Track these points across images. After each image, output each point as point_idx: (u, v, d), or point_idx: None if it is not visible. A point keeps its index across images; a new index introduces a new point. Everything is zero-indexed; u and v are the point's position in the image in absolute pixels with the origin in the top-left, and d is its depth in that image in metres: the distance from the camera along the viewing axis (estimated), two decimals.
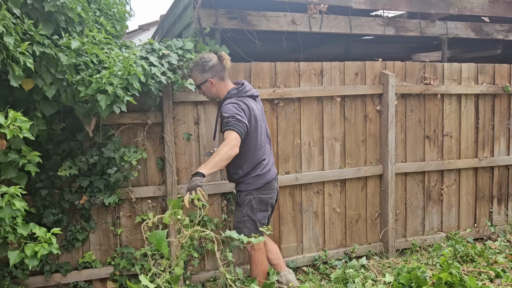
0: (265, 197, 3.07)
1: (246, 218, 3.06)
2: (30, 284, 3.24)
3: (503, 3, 4.59)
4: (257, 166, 3.05)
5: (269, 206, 3.13)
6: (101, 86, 2.63)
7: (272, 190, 3.11)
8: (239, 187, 3.11)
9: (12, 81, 2.33)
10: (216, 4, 3.55)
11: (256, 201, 3.05)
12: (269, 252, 3.27)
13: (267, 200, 3.09)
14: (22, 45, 2.31)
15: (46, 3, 2.53)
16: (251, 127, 2.95)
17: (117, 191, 3.34)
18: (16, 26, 2.32)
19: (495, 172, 4.71)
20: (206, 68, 2.98)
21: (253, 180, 3.04)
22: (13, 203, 2.14)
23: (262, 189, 3.06)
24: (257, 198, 3.05)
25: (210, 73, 2.99)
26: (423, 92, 4.27)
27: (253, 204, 3.05)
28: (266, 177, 3.07)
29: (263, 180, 3.06)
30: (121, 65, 2.74)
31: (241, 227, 3.06)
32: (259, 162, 3.06)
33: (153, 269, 3.47)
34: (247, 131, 2.88)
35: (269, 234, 3.12)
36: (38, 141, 3.05)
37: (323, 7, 3.83)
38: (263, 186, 3.06)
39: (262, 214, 3.10)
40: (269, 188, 3.09)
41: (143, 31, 10.09)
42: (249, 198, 3.05)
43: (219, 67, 3.00)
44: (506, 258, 3.81)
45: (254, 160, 3.04)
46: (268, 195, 3.09)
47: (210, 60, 2.98)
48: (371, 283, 3.31)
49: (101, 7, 3.82)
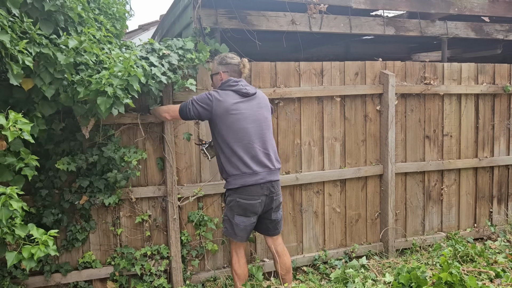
0: (243, 202, 2.96)
1: (225, 218, 3.09)
2: (30, 284, 3.24)
3: (503, 3, 4.59)
4: (234, 164, 2.96)
5: (249, 212, 2.99)
6: (101, 87, 2.63)
7: (252, 197, 2.96)
8: (224, 185, 3.09)
9: (12, 79, 2.33)
10: (216, 4, 3.55)
11: (234, 203, 2.99)
12: (277, 264, 3.20)
13: (245, 206, 2.97)
14: (20, 44, 2.30)
15: (46, 3, 2.52)
16: (216, 118, 2.96)
17: (117, 191, 3.33)
18: (14, 24, 2.31)
19: (495, 172, 4.71)
20: (224, 62, 3.13)
21: (231, 179, 2.98)
22: (10, 203, 2.13)
23: (240, 192, 2.96)
24: (235, 200, 2.98)
25: (225, 67, 3.12)
26: (423, 92, 4.27)
27: (232, 206, 3.01)
28: (244, 180, 2.94)
29: (240, 182, 2.94)
30: (121, 66, 2.73)
31: (223, 225, 3.15)
32: (237, 161, 2.95)
33: (153, 269, 3.47)
34: (199, 115, 3.00)
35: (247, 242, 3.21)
36: (38, 141, 3.04)
37: (323, 7, 3.83)
38: (240, 189, 2.95)
39: (241, 218, 3.00)
40: (248, 194, 2.95)
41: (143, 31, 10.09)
42: (229, 199, 3.03)
43: (235, 68, 3.12)
44: (506, 258, 3.81)
45: (231, 157, 2.96)
46: (247, 200, 2.96)
47: (232, 58, 3.15)
48: (371, 283, 3.31)
49: (101, 6, 3.81)
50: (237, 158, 2.96)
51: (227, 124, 2.96)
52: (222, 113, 2.95)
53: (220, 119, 2.96)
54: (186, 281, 3.58)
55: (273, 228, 3.17)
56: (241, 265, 3.13)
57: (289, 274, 3.23)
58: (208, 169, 3.67)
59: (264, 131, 3.07)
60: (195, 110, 2.99)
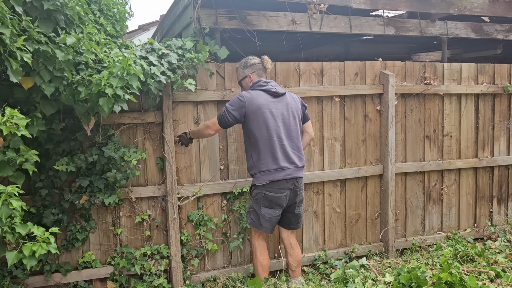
0: (269, 195, 3.15)
1: (251, 210, 3.27)
2: (30, 284, 3.24)
3: (503, 3, 4.59)
4: (265, 161, 3.14)
5: (274, 204, 3.18)
6: (101, 89, 2.63)
7: (279, 190, 3.15)
8: (252, 181, 3.25)
9: (12, 76, 2.33)
10: (216, 4, 3.55)
11: (261, 195, 3.16)
12: (291, 257, 3.40)
13: (271, 198, 3.15)
14: (18, 40, 2.30)
15: (45, 2, 2.53)
16: (249, 116, 3.13)
17: (117, 191, 3.33)
18: (13, 20, 2.32)
19: (495, 172, 4.71)
20: (248, 65, 3.33)
21: (260, 175, 3.16)
22: (10, 202, 2.13)
23: (268, 186, 3.14)
24: (262, 193, 3.16)
25: (251, 69, 3.32)
26: (423, 92, 4.27)
27: (258, 198, 3.18)
28: (273, 175, 3.13)
29: (269, 177, 3.13)
30: (120, 66, 2.73)
31: (248, 217, 3.32)
32: (268, 157, 3.14)
33: (152, 269, 3.47)
34: (236, 119, 3.16)
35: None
36: (38, 141, 3.05)
37: (323, 7, 3.83)
38: (269, 184, 3.13)
39: (267, 210, 3.18)
40: (275, 187, 3.14)
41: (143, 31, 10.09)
42: (256, 192, 3.21)
43: (260, 66, 3.32)
44: (506, 258, 3.80)
45: (261, 154, 3.15)
46: (274, 193, 3.15)
47: (253, 58, 3.35)
48: (371, 283, 3.30)
49: (102, 8, 3.82)
50: (267, 155, 3.14)
51: (258, 122, 3.13)
52: (254, 112, 3.12)
53: (252, 117, 3.13)
54: (186, 281, 3.58)
55: (295, 221, 3.35)
56: (265, 256, 3.32)
57: (299, 267, 3.44)
58: (207, 169, 3.67)
59: (292, 130, 3.25)
60: (232, 116, 3.14)
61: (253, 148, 3.20)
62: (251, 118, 3.13)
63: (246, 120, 3.16)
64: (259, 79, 3.27)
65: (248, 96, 3.15)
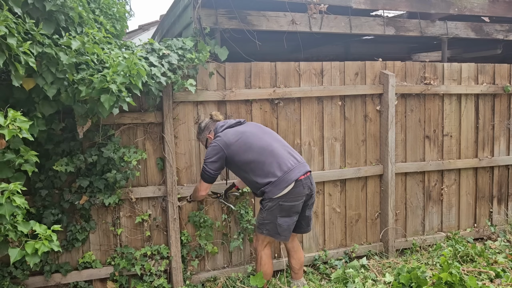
0: (287, 205, 3.04)
1: (265, 222, 3.12)
2: (30, 284, 3.24)
3: (503, 3, 4.59)
4: (268, 172, 3.05)
5: (292, 213, 3.09)
6: (105, 85, 2.63)
7: (296, 198, 3.06)
8: (264, 195, 3.11)
9: (14, 80, 2.34)
10: (216, 4, 3.55)
11: (277, 207, 3.05)
12: (294, 260, 3.39)
13: (289, 208, 3.06)
14: (24, 45, 2.30)
15: (47, 3, 2.53)
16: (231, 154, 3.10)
17: (117, 191, 3.33)
18: (17, 26, 2.32)
19: (495, 172, 4.71)
20: (202, 129, 3.36)
21: (270, 188, 3.03)
22: (13, 199, 2.13)
23: (284, 197, 3.03)
24: (277, 204, 3.05)
25: (206, 131, 3.35)
26: (423, 92, 4.27)
27: (274, 210, 3.07)
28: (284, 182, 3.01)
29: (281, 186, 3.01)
30: (125, 64, 2.74)
31: (261, 228, 3.16)
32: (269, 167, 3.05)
33: (153, 269, 3.47)
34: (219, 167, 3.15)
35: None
36: (38, 141, 3.04)
37: (323, 7, 3.83)
38: (284, 195, 3.03)
39: (284, 219, 3.08)
40: (293, 196, 3.04)
41: (143, 31, 10.08)
42: (270, 204, 3.07)
43: (211, 123, 3.35)
44: (506, 258, 3.81)
45: (261, 168, 3.06)
46: (291, 202, 3.05)
47: (201, 122, 3.39)
48: (371, 283, 3.31)
49: (101, 6, 3.81)
50: (267, 165, 3.06)
51: (241, 148, 3.08)
52: (233, 146, 3.09)
53: (234, 151, 3.08)
54: (186, 281, 3.58)
55: (305, 224, 3.28)
56: (270, 265, 3.26)
57: (302, 270, 3.46)
58: None
59: (274, 135, 3.26)
60: (214, 167, 3.11)
61: (252, 173, 3.09)
62: (234, 152, 3.08)
63: (231, 159, 3.10)
64: (215, 127, 3.26)
65: (219, 139, 3.11)
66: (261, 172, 3.05)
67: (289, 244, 3.37)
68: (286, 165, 3.06)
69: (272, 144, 3.13)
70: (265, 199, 3.10)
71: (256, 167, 3.07)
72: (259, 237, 3.21)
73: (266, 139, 3.16)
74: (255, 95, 3.70)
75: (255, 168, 3.07)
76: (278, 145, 3.15)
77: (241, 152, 3.08)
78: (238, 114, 3.71)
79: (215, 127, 3.26)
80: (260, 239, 3.21)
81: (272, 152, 3.09)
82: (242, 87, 3.69)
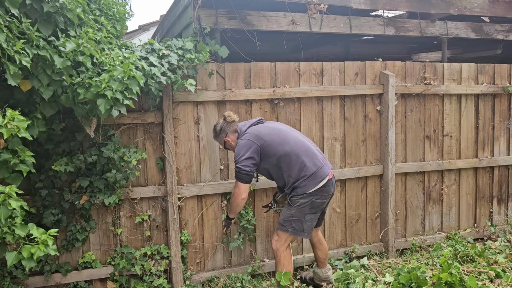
0: (318, 202, 3.12)
1: (293, 219, 3.12)
2: (30, 284, 3.24)
3: (503, 3, 4.58)
4: (302, 169, 3.07)
5: (318, 210, 3.18)
6: (101, 91, 2.63)
7: (327, 196, 3.16)
8: (295, 192, 3.11)
9: (10, 80, 2.33)
10: (216, 4, 3.55)
11: (308, 204, 3.09)
12: (321, 252, 3.52)
13: (318, 205, 3.13)
14: (17, 44, 2.29)
15: (45, 4, 2.52)
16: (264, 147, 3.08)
17: (117, 191, 3.33)
18: (11, 24, 2.31)
19: (495, 172, 4.71)
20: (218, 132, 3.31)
21: (306, 182, 3.06)
22: (9, 202, 2.12)
23: (315, 193, 3.08)
24: (310, 201, 3.08)
25: (223, 134, 3.29)
26: (423, 92, 4.27)
27: (305, 207, 3.09)
28: (316, 180, 3.06)
29: (317, 180, 3.06)
30: (121, 69, 2.74)
31: (286, 225, 3.14)
32: (303, 164, 3.07)
33: (153, 269, 3.47)
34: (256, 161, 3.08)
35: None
36: (38, 141, 3.05)
37: (323, 7, 3.83)
38: (317, 191, 3.08)
39: (310, 216, 3.13)
40: (323, 193, 3.12)
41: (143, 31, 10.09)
42: (302, 201, 3.08)
43: (227, 125, 3.28)
44: (506, 258, 3.80)
45: (297, 164, 3.07)
46: (322, 200, 3.14)
47: (216, 125, 3.32)
48: (371, 283, 3.30)
49: (101, 7, 3.82)
50: (303, 158, 3.07)
51: (275, 141, 3.08)
52: (266, 138, 3.09)
53: (268, 143, 3.08)
54: (186, 281, 3.58)
55: (321, 219, 3.40)
56: (292, 265, 3.23)
57: (327, 258, 3.61)
58: (208, 169, 3.67)
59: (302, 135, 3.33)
60: (249, 163, 3.04)
61: (286, 166, 3.08)
62: (268, 144, 3.07)
63: (264, 153, 3.08)
64: (237, 127, 3.25)
65: (248, 135, 3.11)
66: (297, 166, 3.07)
67: (314, 238, 3.47)
68: (318, 160, 3.14)
69: (303, 140, 3.20)
70: (296, 196, 3.09)
71: (291, 160, 3.07)
72: (281, 236, 3.16)
73: (297, 135, 3.20)
74: (255, 95, 3.70)
75: (290, 162, 3.07)
76: (307, 142, 3.23)
77: (276, 145, 3.07)
78: (238, 114, 3.71)
79: (238, 129, 3.24)
80: (283, 238, 3.16)
81: (305, 147, 3.14)
82: (242, 87, 3.70)
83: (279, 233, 3.17)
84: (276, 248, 3.18)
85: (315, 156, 3.13)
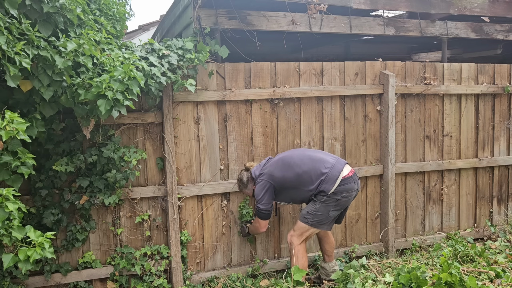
0: (343, 200, 3.28)
1: (317, 213, 3.28)
2: (30, 284, 3.24)
3: (503, 3, 4.58)
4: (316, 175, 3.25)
5: (342, 207, 3.34)
6: (101, 91, 2.63)
7: (351, 193, 3.31)
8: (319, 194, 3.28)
9: (9, 81, 2.32)
10: (216, 4, 3.55)
11: (333, 201, 3.25)
12: (328, 245, 3.63)
13: (343, 202, 3.30)
14: (17, 45, 2.29)
15: (44, 4, 2.52)
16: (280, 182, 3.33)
17: (117, 191, 3.33)
18: (11, 26, 2.30)
19: (495, 172, 4.71)
20: (246, 183, 3.56)
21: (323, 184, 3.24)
22: (6, 205, 2.12)
23: (340, 192, 3.24)
24: (335, 199, 3.25)
25: (250, 185, 3.55)
26: (423, 92, 4.27)
27: (329, 204, 3.25)
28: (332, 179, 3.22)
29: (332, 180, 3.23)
30: (121, 70, 2.74)
31: (307, 218, 3.30)
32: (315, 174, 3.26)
33: (153, 269, 3.47)
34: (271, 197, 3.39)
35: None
36: (38, 141, 3.05)
37: (323, 7, 3.83)
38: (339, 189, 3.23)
39: (334, 212, 3.30)
40: (347, 191, 3.28)
41: (143, 31, 10.09)
42: (326, 198, 3.25)
43: (249, 176, 3.54)
44: (506, 258, 3.80)
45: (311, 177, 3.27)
46: (346, 198, 3.29)
47: (243, 177, 3.57)
48: (371, 283, 3.30)
49: (101, 7, 3.82)
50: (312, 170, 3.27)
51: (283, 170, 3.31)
52: (276, 173, 3.33)
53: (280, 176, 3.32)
54: (186, 281, 3.58)
55: (341, 216, 3.51)
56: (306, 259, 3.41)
57: (333, 252, 3.72)
58: (208, 169, 3.67)
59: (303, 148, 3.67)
60: (266, 202, 3.34)
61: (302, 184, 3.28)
62: (279, 177, 3.30)
63: (279, 185, 3.33)
64: (252, 172, 3.48)
65: (262, 176, 3.36)
66: (310, 179, 3.26)
67: (322, 232, 3.53)
68: (328, 162, 3.30)
69: (304, 152, 3.44)
70: (321, 194, 3.27)
71: (303, 176, 3.27)
72: (299, 229, 3.33)
73: (297, 152, 3.47)
74: (255, 95, 3.70)
75: (302, 180, 3.28)
76: (310, 152, 3.43)
77: (286, 173, 3.30)
78: (238, 114, 3.72)
79: (252, 174, 3.48)
80: (300, 231, 3.32)
81: (310, 157, 3.34)
82: (242, 87, 3.70)
83: (297, 225, 3.34)
84: (290, 241, 3.36)
85: (322, 161, 3.31)
